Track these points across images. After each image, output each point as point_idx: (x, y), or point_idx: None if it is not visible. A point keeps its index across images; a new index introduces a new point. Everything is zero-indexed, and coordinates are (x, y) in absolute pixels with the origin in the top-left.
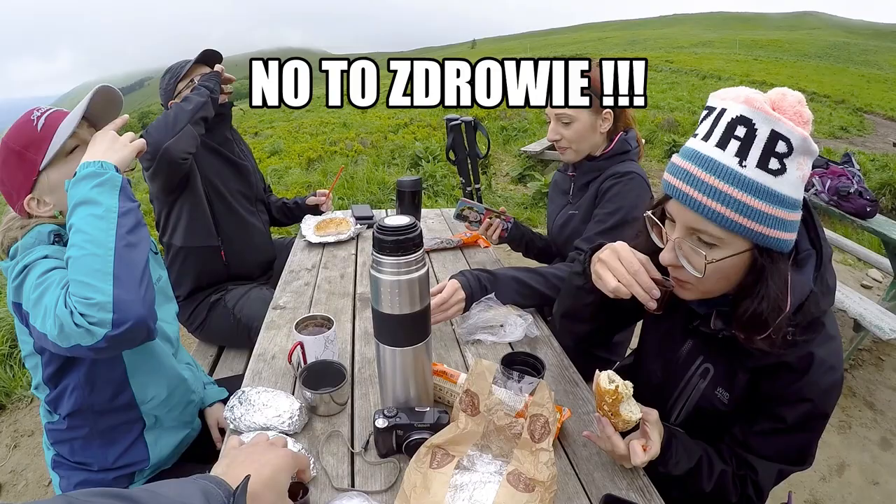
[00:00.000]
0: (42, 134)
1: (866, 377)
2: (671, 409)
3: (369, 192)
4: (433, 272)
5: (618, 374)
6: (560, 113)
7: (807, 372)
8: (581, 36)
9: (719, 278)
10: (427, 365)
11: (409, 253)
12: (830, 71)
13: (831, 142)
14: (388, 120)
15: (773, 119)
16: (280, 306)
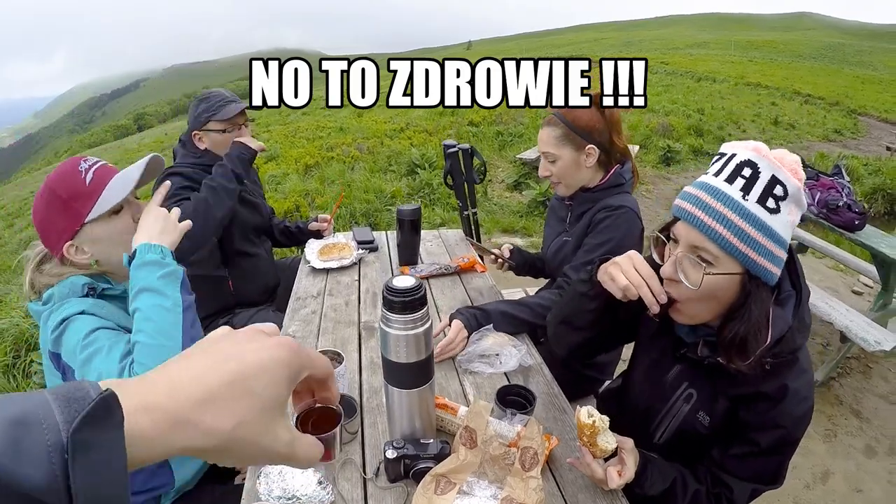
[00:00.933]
0: (90, 188)
1: (854, 385)
2: (655, 430)
3: (366, 202)
4: (432, 298)
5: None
6: (545, 151)
7: (781, 401)
8: (577, 37)
9: (709, 299)
10: (431, 403)
11: (416, 311)
12: (825, 72)
13: (825, 145)
14: (384, 124)
15: (776, 167)
16: (290, 335)
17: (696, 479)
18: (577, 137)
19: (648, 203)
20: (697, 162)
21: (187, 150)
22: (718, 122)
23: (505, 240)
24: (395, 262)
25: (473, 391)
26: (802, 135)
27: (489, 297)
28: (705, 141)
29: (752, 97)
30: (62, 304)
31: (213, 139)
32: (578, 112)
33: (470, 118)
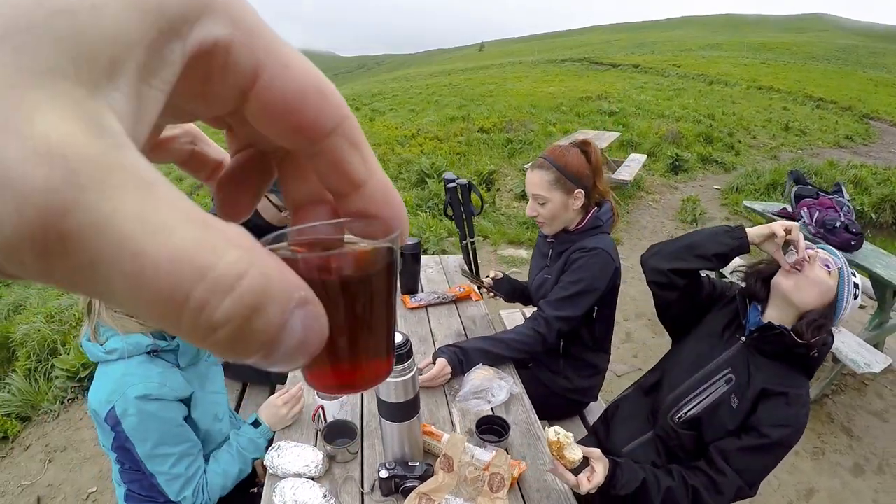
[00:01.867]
0: None
1: (847, 402)
2: (684, 406)
3: None
4: (429, 326)
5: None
6: (536, 194)
7: (796, 405)
8: (589, 38)
9: (817, 292)
10: (417, 432)
11: (403, 363)
12: (838, 75)
13: (836, 151)
14: (395, 130)
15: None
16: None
17: (670, 476)
18: (568, 182)
19: (655, 213)
20: (706, 170)
21: None
22: (729, 129)
23: (510, 252)
24: (398, 291)
25: (460, 418)
26: (813, 141)
27: (482, 326)
28: (714, 148)
29: (764, 101)
30: (126, 363)
31: (267, 208)
32: (569, 158)
33: (480, 125)
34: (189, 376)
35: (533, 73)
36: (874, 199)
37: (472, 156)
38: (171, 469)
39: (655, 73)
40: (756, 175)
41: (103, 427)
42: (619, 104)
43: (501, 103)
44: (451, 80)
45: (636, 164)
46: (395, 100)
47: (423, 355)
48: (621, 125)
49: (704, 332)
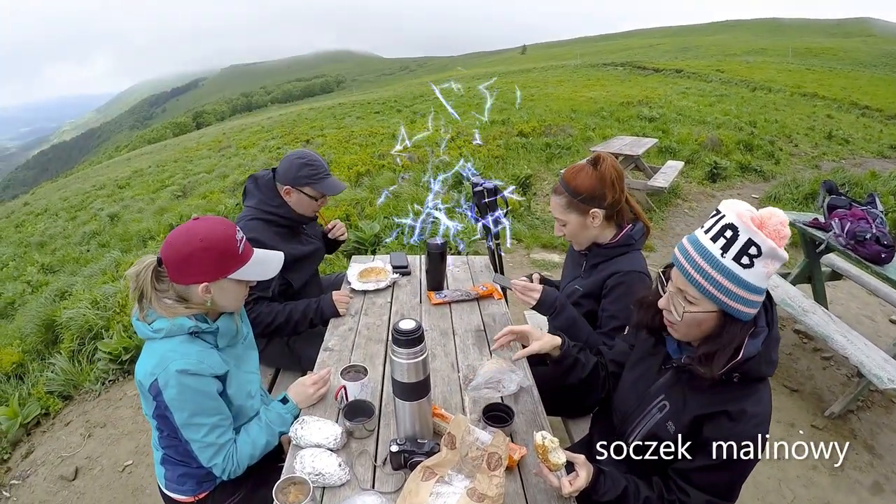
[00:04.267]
0: (242, 256)
1: (872, 419)
2: (630, 433)
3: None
4: (451, 321)
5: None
6: (556, 217)
7: (739, 422)
8: (631, 42)
9: (693, 326)
10: (427, 411)
11: (415, 346)
12: (886, 82)
13: (879, 162)
14: (437, 132)
15: (752, 231)
16: (329, 348)
17: (650, 487)
18: (581, 204)
19: (690, 221)
20: (744, 179)
21: (264, 194)
22: (770, 136)
23: (543, 256)
24: (425, 287)
25: (471, 405)
26: (856, 150)
27: (501, 323)
28: (754, 157)
29: (808, 108)
30: (170, 341)
31: (302, 201)
32: (579, 180)
33: (520, 129)
34: (226, 356)
35: (574, 77)
36: None
37: (511, 159)
38: (203, 437)
39: (698, 79)
40: (795, 185)
41: (146, 396)
42: (659, 110)
43: (542, 107)
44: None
45: (672, 170)
46: (437, 102)
47: (442, 347)
48: (661, 131)
49: (639, 356)
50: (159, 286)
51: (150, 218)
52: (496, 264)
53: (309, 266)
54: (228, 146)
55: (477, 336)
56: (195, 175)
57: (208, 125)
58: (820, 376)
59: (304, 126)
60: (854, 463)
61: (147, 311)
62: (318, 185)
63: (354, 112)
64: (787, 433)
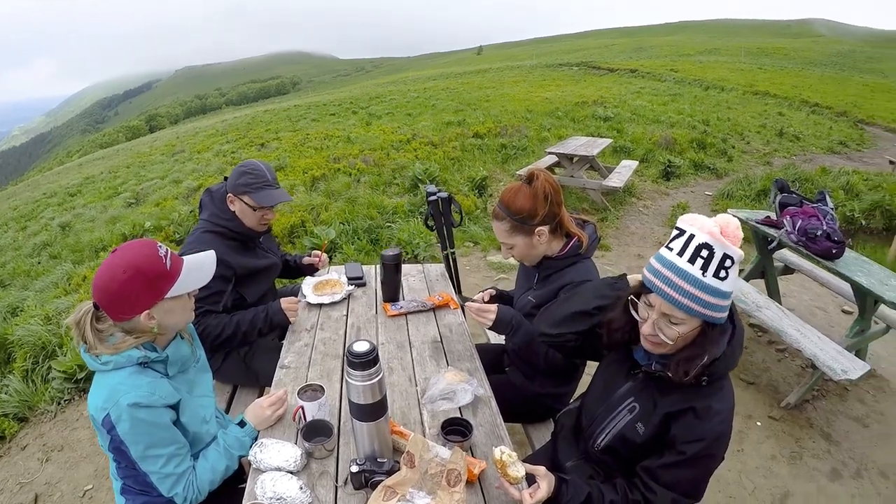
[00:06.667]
0: (171, 272)
1: (827, 408)
2: (599, 435)
3: (369, 217)
4: (407, 333)
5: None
6: (502, 241)
7: (705, 419)
8: (586, 43)
9: (680, 342)
10: (386, 430)
11: (370, 368)
12: (834, 80)
13: (829, 157)
14: (391, 135)
15: (725, 246)
16: (286, 366)
17: (614, 490)
18: (524, 226)
19: (644, 219)
20: (698, 176)
21: (217, 207)
22: (723, 134)
23: (499, 258)
24: (381, 298)
25: (429, 419)
26: (807, 146)
27: (458, 334)
28: (707, 154)
29: (760, 107)
30: (119, 372)
31: (244, 210)
32: (518, 202)
33: (475, 130)
34: (177, 383)
35: (530, 77)
36: (865, 205)
37: (466, 161)
38: (161, 469)
39: (652, 78)
40: (748, 181)
41: (100, 430)
42: (614, 109)
43: (497, 108)
44: (448, 85)
45: (627, 170)
46: (393, 103)
47: (399, 361)
48: (616, 131)
49: (610, 359)
50: (102, 327)
51: (102, 227)
52: (451, 272)
53: (264, 280)
54: (182, 150)
55: (434, 348)
56: (148, 181)
57: (162, 128)
58: (775, 368)
59: (259, 129)
60: (812, 451)
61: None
62: (254, 195)
63: (310, 114)
64: (745, 425)
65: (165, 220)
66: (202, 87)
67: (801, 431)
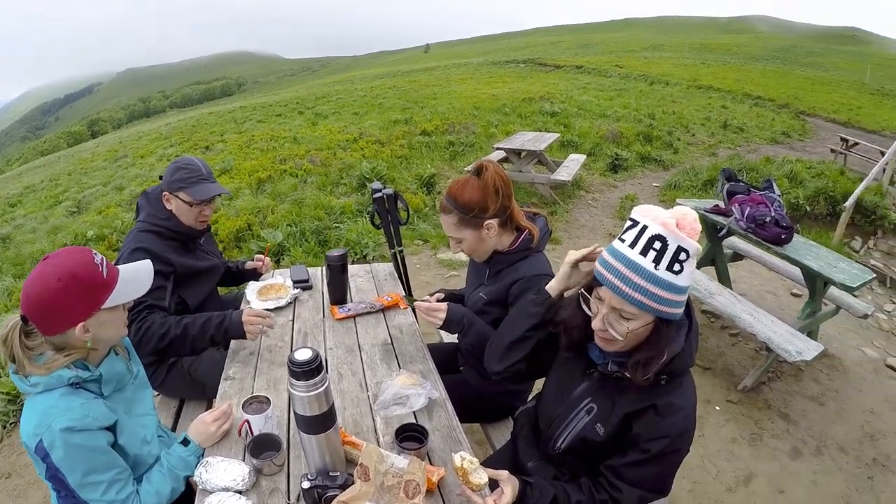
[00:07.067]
0: (107, 281)
1: (783, 389)
2: (558, 437)
3: (316, 219)
4: (356, 336)
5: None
6: (450, 236)
7: (667, 416)
8: (533, 40)
9: (633, 338)
10: (336, 442)
11: (314, 377)
12: (776, 74)
13: (772, 148)
14: (338, 134)
15: (680, 238)
16: (230, 377)
17: (580, 491)
18: (473, 219)
19: (594, 212)
20: (645, 168)
21: (153, 207)
22: (668, 127)
23: (450, 255)
24: (328, 301)
25: (383, 427)
26: (751, 137)
27: (409, 335)
28: (654, 147)
29: (704, 100)
30: (50, 395)
31: (180, 207)
32: (466, 194)
33: (423, 127)
34: (113, 404)
35: (477, 74)
36: (809, 192)
37: (414, 159)
38: (103, 496)
39: (598, 74)
40: (694, 172)
41: (35, 459)
42: (561, 105)
43: (445, 105)
44: (395, 83)
45: (575, 164)
46: (339, 103)
47: (349, 366)
48: (563, 126)
49: (564, 358)
50: (32, 343)
51: (43, 238)
52: (400, 271)
53: (206, 283)
54: (125, 156)
55: (384, 350)
56: (90, 188)
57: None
58: (730, 353)
59: (204, 131)
60: (771, 431)
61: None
62: (190, 190)
63: (255, 115)
64: (704, 410)
65: (108, 229)
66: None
67: (759, 413)
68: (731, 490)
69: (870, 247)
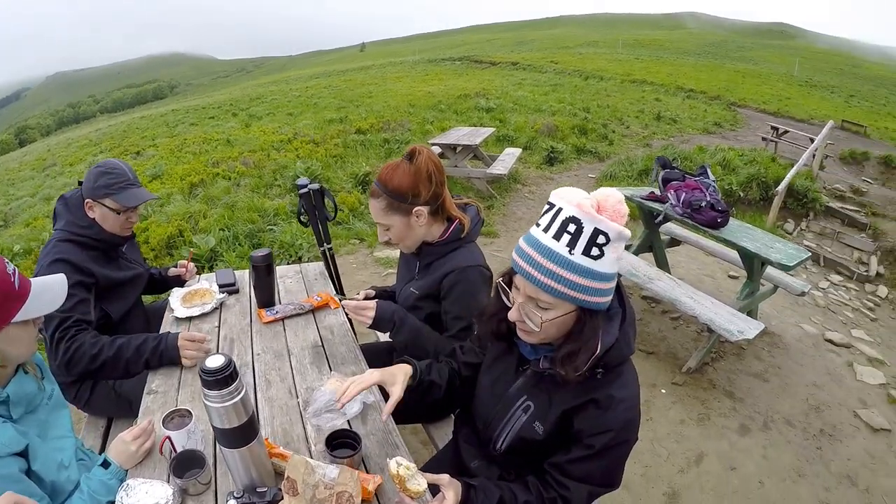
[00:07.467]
0: (19, 293)
1: (727, 368)
2: (497, 438)
3: (250, 222)
4: (285, 340)
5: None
6: (378, 222)
7: (608, 409)
8: (469, 38)
9: (552, 329)
10: (261, 454)
11: (229, 385)
12: (708, 68)
13: (705, 137)
14: (272, 135)
15: (596, 220)
16: (153, 391)
17: (527, 490)
18: (402, 205)
19: (531, 204)
20: (580, 160)
21: (73, 215)
22: (603, 120)
23: (387, 253)
24: (255, 305)
25: (315, 435)
26: (684, 128)
27: (340, 335)
28: (589, 139)
29: (637, 94)
30: None
31: (105, 215)
32: (397, 178)
33: (357, 126)
34: (25, 426)
35: (413, 72)
36: (741, 178)
37: (349, 158)
38: None
39: (534, 70)
40: (629, 162)
41: None
42: (496, 101)
43: (380, 104)
44: (330, 82)
45: (511, 157)
46: (274, 104)
47: (277, 371)
48: (498, 121)
49: (494, 354)
50: None
51: None
52: (331, 269)
53: (130, 294)
54: (53, 164)
55: (315, 353)
56: (17, 200)
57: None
58: (672, 336)
59: (135, 136)
60: (718, 410)
61: None
62: (118, 196)
63: (188, 118)
64: (650, 394)
65: (35, 242)
66: (75, 94)
67: (705, 393)
68: (683, 471)
69: (802, 228)
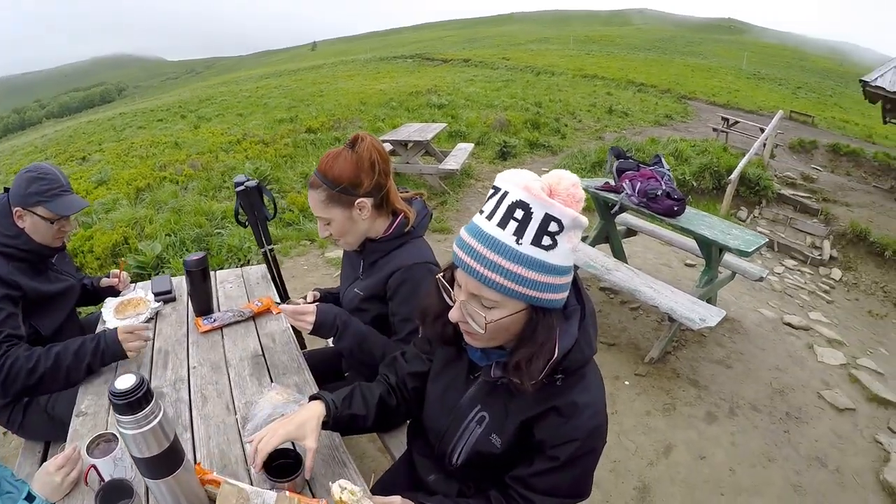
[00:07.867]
0: None
1: (689, 356)
2: (452, 452)
3: (197, 226)
4: (223, 350)
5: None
6: (317, 216)
7: (572, 417)
8: (421, 35)
9: (501, 331)
10: (191, 482)
11: (142, 408)
12: (658, 62)
13: (657, 129)
14: (220, 137)
15: (547, 204)
16: (83, 412)
17: None
18: (343, 196)
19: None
20: (533, 154)
21: None
22: (555, 114)
23: (338, 254)
24: (192, 313)
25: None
26: (636, 121)
27: (282, 343)
28: (541, 133)
29: (589, 88)
30: None
31: (36, 224)
32: (338, 168)
33: (308, 125)
34: None
35: (365, 70)
36: (694, 168)
37: (299, 158)
38: None
39: (485, 67)
40: (582, 155)
41: None
42: (448, 97)
43: (331, 102)
44: (281, 82)
45: (463, 152)
46: (223, 105)
47: (214, 386)
48: (450, 117)
49: (442, 361)
50: None
51: None
52: (273, 272)
53: (61, 308)
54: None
55: (255, 363)
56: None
57: None
58: (632, 327)
59: (81, 142)
60: (684, 400)
61: None
62: (51, 204)
63: (136, 122)
64: (614, 386)
65: None
66: (20, 99)
67: (669, 383)
68: (653, 464)
69: (755, 215)
